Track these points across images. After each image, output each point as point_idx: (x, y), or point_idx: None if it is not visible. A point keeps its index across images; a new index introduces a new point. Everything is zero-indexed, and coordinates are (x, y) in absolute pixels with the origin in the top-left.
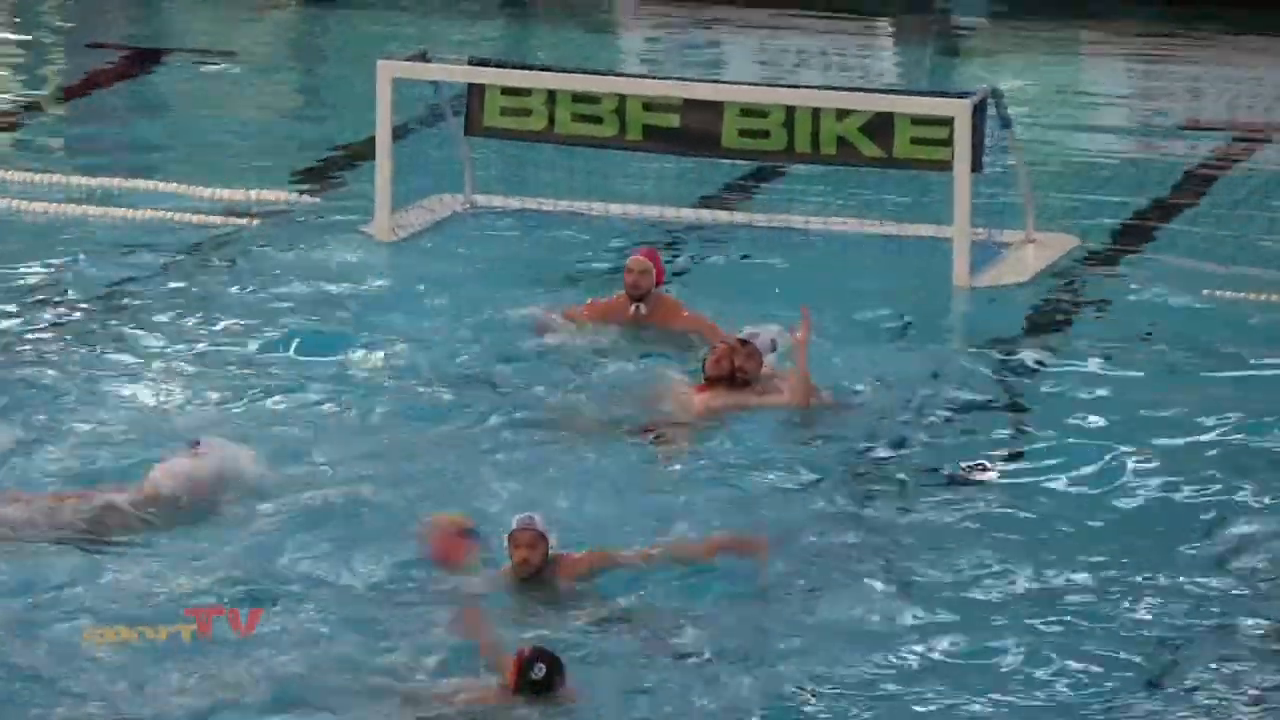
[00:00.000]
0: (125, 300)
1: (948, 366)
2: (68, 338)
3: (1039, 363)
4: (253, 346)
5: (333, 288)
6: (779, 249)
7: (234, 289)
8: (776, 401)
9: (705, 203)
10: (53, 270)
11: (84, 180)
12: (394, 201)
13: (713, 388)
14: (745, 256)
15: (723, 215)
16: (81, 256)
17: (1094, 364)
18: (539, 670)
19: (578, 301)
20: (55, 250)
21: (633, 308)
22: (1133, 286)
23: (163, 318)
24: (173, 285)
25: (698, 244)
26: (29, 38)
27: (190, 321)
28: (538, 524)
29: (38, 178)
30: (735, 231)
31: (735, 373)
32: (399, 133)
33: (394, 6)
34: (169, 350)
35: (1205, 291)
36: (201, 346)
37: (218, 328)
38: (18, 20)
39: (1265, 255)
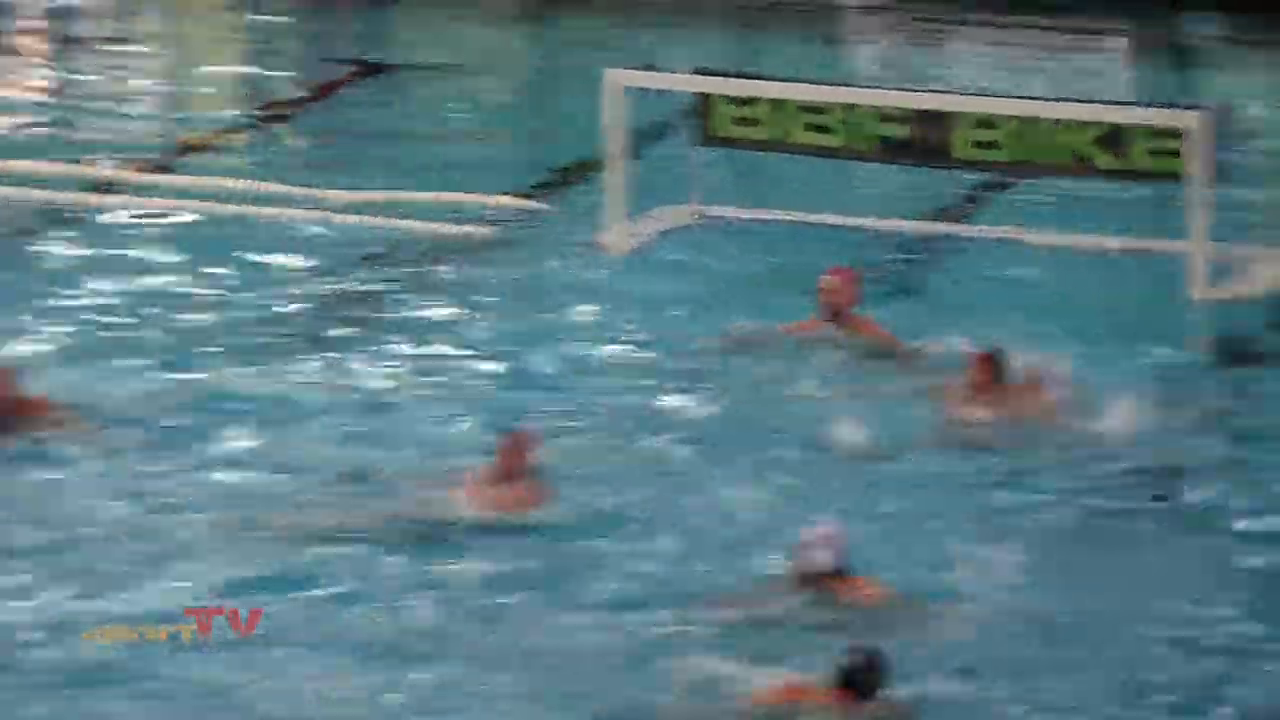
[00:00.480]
0: (363, 309)
1: (1187, 378)
2: (310, 345)
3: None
4: (483, 355)
5: (564, 296)
6: (1009, 261)
7: (467, 298)
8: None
9: (936, 215)
10: (293, 276)
11: (319, 191)
12: (625, 212)
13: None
14: (975, 269)
15: (953, 227)
16: (316, 263)
17: None
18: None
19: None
20: (291, 258)
21: (827, 324)
22: None
23: (400, 327)
24: (408, 295)
25: (926, 256)
26: (267, 53)
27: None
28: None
29: (276, 187)
30: (964, 244)
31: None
32: (631, 144)
33: (624, 20)
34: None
35: None
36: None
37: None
38: (257, 36)
39: None
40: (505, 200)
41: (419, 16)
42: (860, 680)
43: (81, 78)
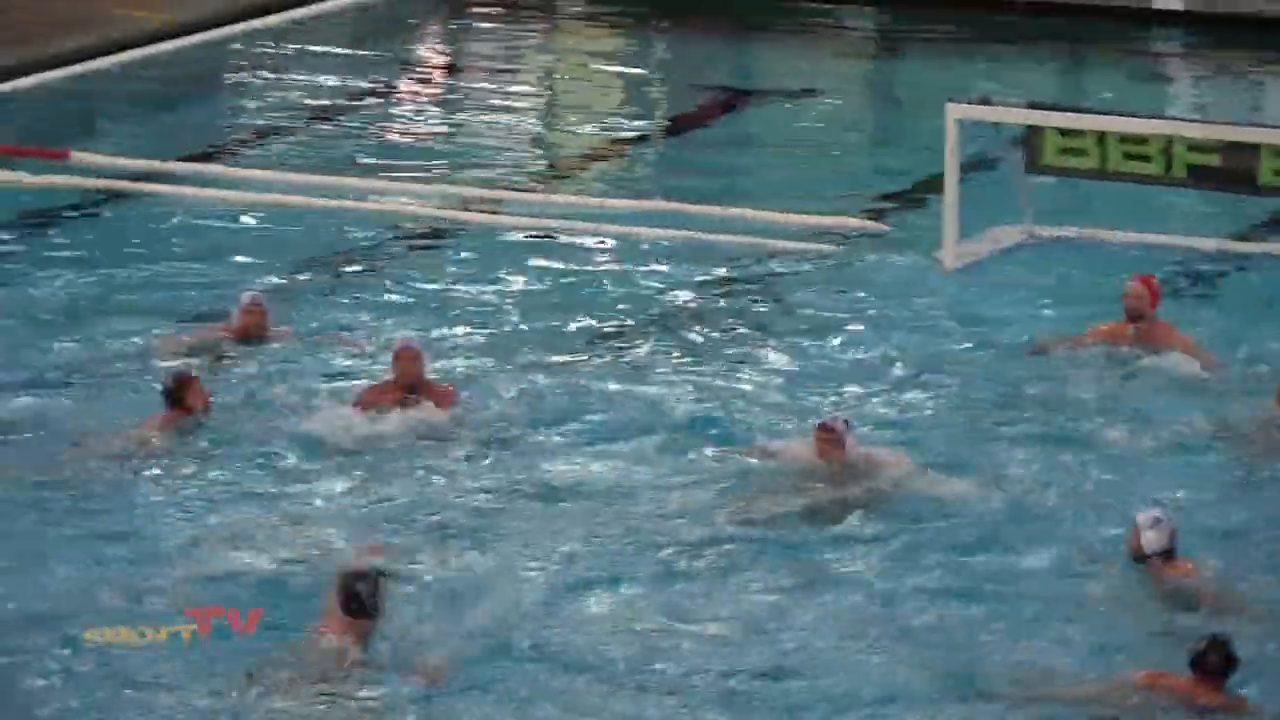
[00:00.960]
0: (707, 316)
1: None
2: (664, 349)
3: None
4: (834, 358)
5: (903, 307)
6: None
7: (810, 307)
8: None
9: (1243, 236)
10: (620, 298)
11: (672, 205)
12: (960, 231)
13: None
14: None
15: (1259, 246)
16: (664, 270)
17: None
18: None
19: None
20: (628, 277)
21: (1130, 329)
22: None
23: (747, 332)
24: (744, 312)
25: (1232, 273)
26: (642, 78)
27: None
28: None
29: (631, 202)
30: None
31: None
32: (966, 169)
33: (963, 53)
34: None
35: None
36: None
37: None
38: (633, 64)
39: None
40: (852, 220)
41: (779, 48)
42: (1220, 667)
43: (470, 102)
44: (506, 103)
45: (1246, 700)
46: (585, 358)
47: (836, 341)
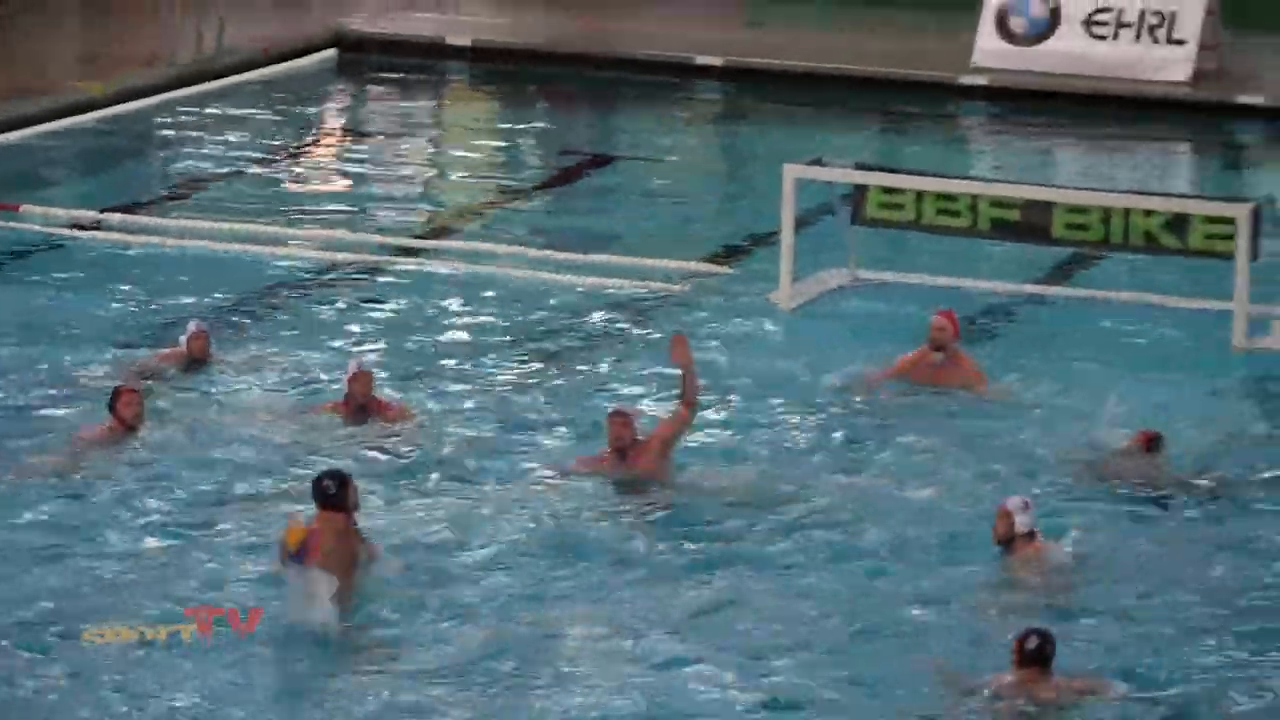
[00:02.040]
0: (566, 348)
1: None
2: (515, 381)
3: None
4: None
5: (741, 342)
6: (1086, 316)
7: (658, 343)
8: None
9: (1039, 280)
10: (514, 324)
11: (546, 253)
12: (794, 275)
13: None
14: (1065, 322)
15: (1054, 289)
16: (537, 314)
17: None
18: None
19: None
20: (505, 311)
21: (935, 357)
22: None
23: (604, 367)
24: (607, 345)
25: (1032, 312)
26: (518, 141)
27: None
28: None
29: (511, 249)
30: (1059, 302)
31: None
32: (800, 222)
33: (798, 122)
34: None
35: None
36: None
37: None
38: (509, 129)
39: None
40: (699, 265)
41: (635, 117)
42: (1043, 654)
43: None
44: (399, 161)
45: (1075, 678)
46: (468, 384)
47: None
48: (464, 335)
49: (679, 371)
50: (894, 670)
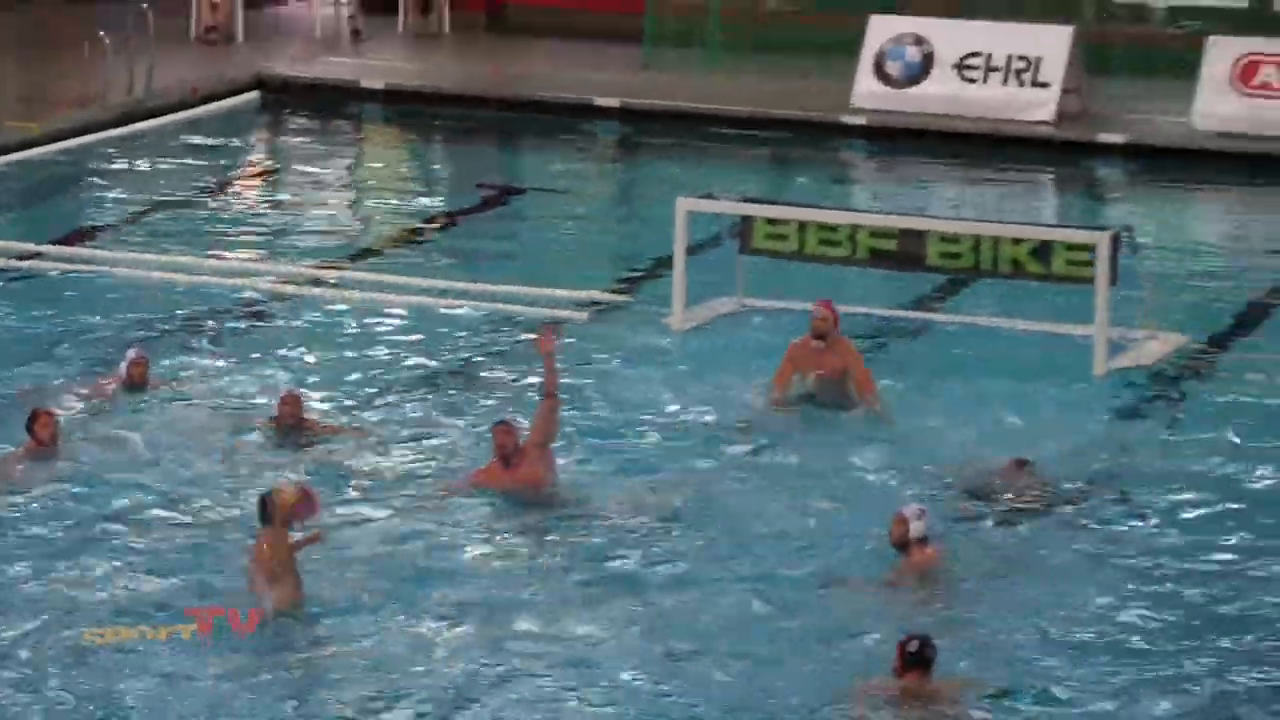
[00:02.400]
0: (478, 370)
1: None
2: (422, 405)
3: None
4: (580, 402)
5: (636, 361)
6: (962, 340)
7: (561, 362)
8: None
9: (914, 305)
10: (413, 353)
11: (458, 282)
12: (686, 301)
13: None
14: (938, 344)
15: (926, 315)
16: (448, 338)
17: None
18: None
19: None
20: (419, 337)
21: (816, 344)
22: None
23: (504, 395)
24: (512, 364)
25: (905, 336)
26: (431, 176)
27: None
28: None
29: (425, 279)
30: (935, 326)
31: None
32: (691, 251)
33: (690, 159)
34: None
35: None
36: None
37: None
38: (423, 164)
39: None
40: (596, 293)
41: (542, 152)
42: (925, 658)
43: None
44: (318, 194)
45: (959, 679)
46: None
47: (584, 389)
48: (380, 358)
49: (544, 364)
50: (784, 679)
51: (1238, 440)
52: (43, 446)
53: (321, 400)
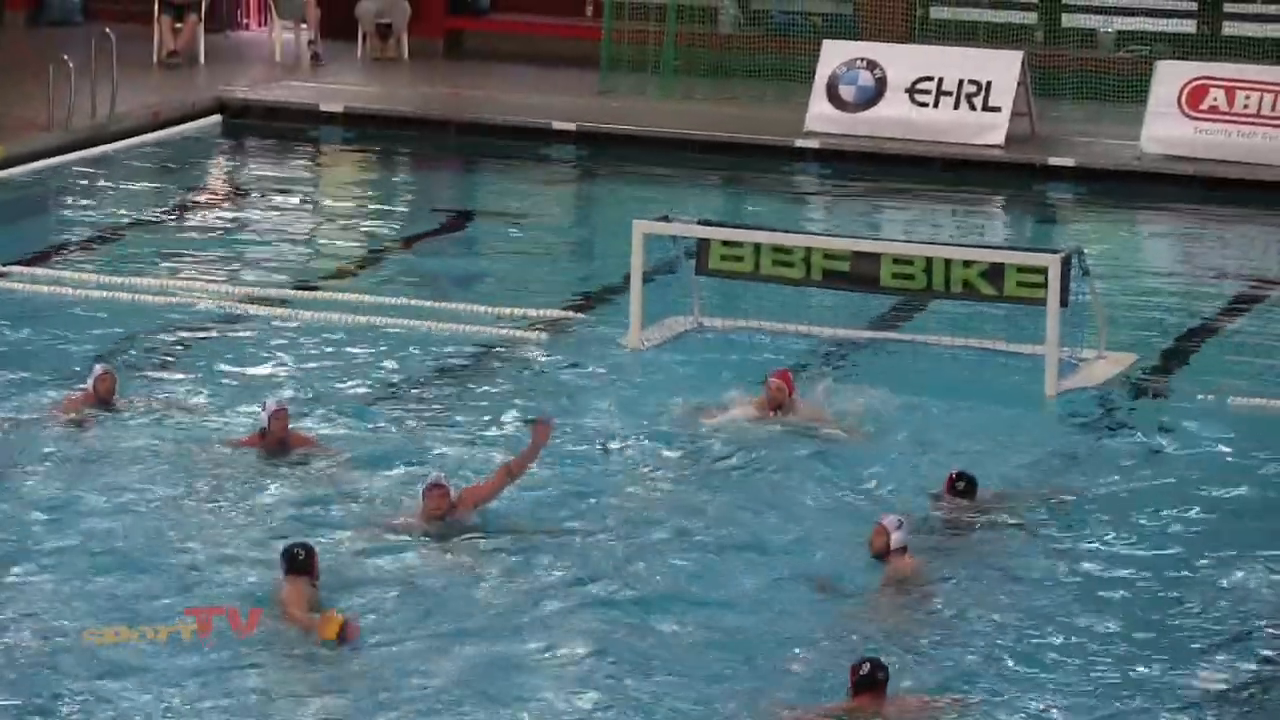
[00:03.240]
0: (438, 388)
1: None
2: (399, 423)
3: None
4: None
5: (593, 380)
6: (916, 360)
7: (521, 381)
8: None
9: (869, 325)
10: (382, 372)
11: (418, 302)
12: (643, 321)
13: None
14: (891, 366)
15: (882, 334)
16: (408, 358)
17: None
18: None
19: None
20: (386, 357)
21: (772, 413)
22: (1170, 393)
23: (465, 413)
24: (475, 383)
25: (860, 356)
26: (387, 203)
27: (485, 409)
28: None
29: (385, 299)
30: (889, 346)
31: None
32: (648, 273)
33: (647, 182)
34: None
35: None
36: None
37: (515, 409)
38: (382, 187)
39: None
40: (554, 313)
41: (498, 177)
42: (878, 680)
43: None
44: (279, 216)
45: (915, 698)
46: (341, 424)
47: (540, 409)
48: (340, 378)
49: (530, 441)
50: (733, 697)
51: (1187, 457)
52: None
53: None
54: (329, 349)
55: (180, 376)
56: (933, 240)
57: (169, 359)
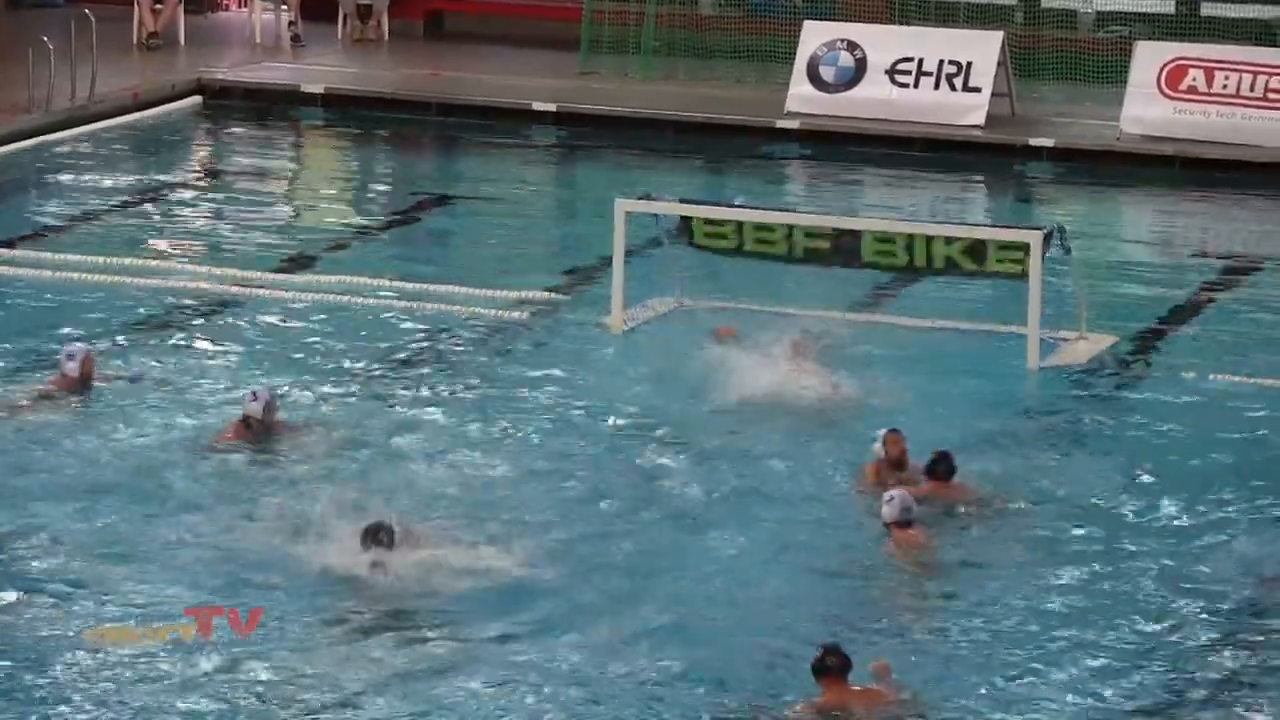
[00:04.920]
0: (423, 369)
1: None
2: (371, 401)
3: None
4: (518, 400)
5: (575, 361)
6: (898, 338)
7: (500, 363)
8: None
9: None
10: (376, 349)
11: (399, 283)
12: (624, 302)
13: None
14: (872, 343)
15: (858, 317)
16: (391, 339)
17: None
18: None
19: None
20: (368, 338)
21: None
22: (1150, 372)
23: (450, 386)
24: (456, 364)
25: (844, 336)
26: (368, 184)
27: (472, 386)
28: None
29: (367, 280)
30: (868, 328)
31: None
32: (630, 252)
33: (624, 165)
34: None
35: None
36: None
37: (498, 389)
38: (361, 169)
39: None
40: (535, 294)
41: (480, 156)
42: (841, 667)
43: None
44: (259, 197)
45: (881, 689)
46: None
47: (523, 388)
48: (322, 360)
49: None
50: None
51: (1166, 434)
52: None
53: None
54: (310, 330)
55: (160, 361)
56: (914, 219)
57: (150, 342)
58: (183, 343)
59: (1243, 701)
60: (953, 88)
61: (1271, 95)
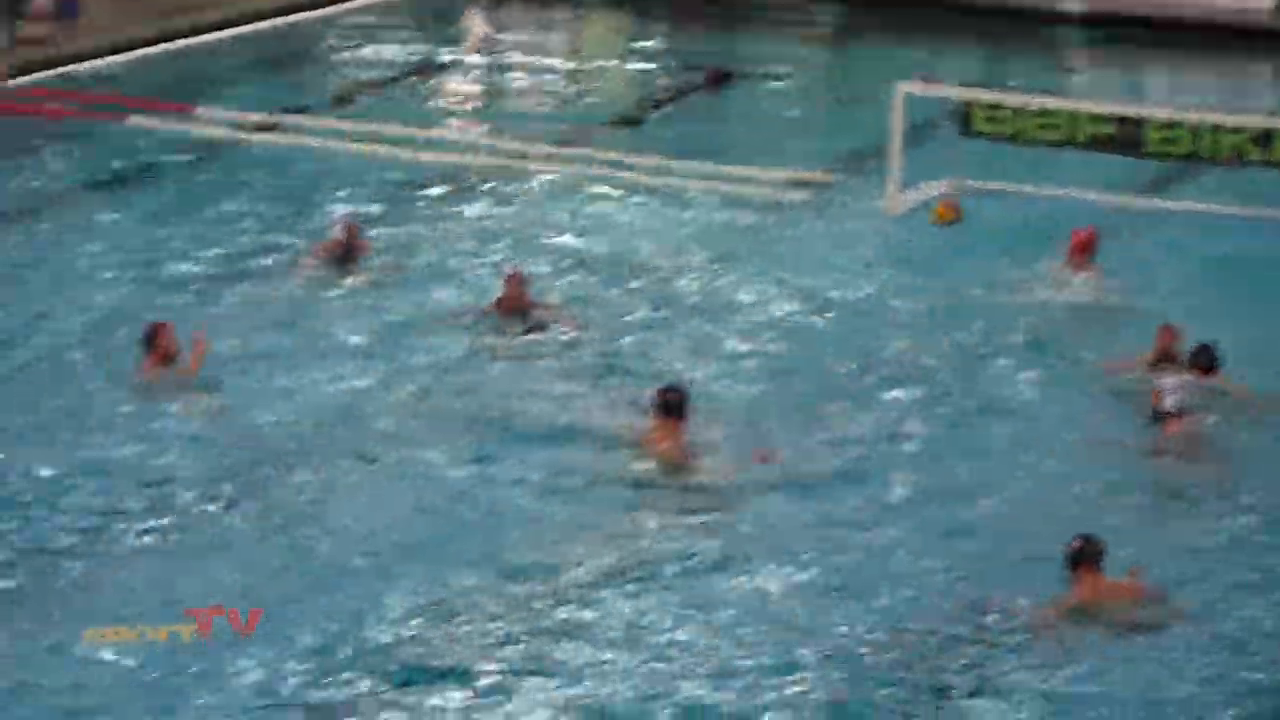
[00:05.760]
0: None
1: None
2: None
3: None
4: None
5: (853, 243)
6: (1187, 228)
7: (781, 245)
8: None
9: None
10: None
11: (677, 161)
12: (902, 184)
13: None
14: (1160, 234)
15: (1144, 202)
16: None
17: None
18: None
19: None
20: (640, 219)
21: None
22: None
23: (718, 280)
24: (729, 248)
25: (1127, 224)
26: (648, 57)
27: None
28: None
29: (646, 160)
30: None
31: None
32: (908, 136)
33: (906, 44)
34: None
35: None
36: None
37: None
38: (640, 45)
39: None
40: (813, 174)
41: (757, 36)
42: (1096, 555)
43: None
44: (539, 75)
45: (1135, 584)
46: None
47: (800, 274)
48: (587, 241)
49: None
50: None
51: None
52: (162, 361)
53: (540, 282)
54: (577, 212)
55: (429, 233)
56: (1199, 106)
57: (418, 216)
58: (449, 219)
59: None
60: None
61: None
